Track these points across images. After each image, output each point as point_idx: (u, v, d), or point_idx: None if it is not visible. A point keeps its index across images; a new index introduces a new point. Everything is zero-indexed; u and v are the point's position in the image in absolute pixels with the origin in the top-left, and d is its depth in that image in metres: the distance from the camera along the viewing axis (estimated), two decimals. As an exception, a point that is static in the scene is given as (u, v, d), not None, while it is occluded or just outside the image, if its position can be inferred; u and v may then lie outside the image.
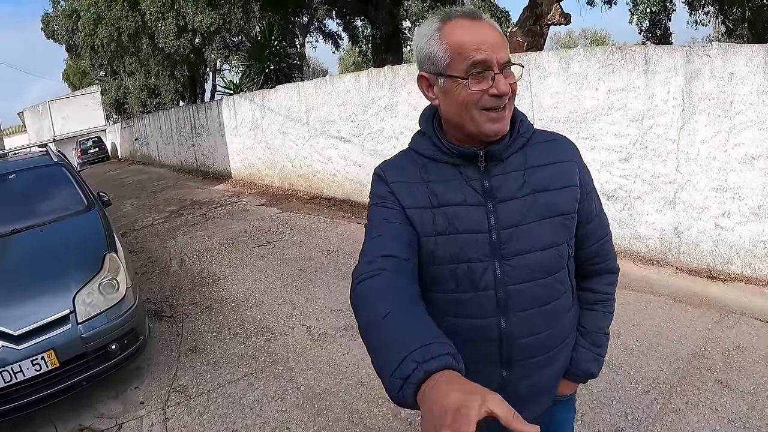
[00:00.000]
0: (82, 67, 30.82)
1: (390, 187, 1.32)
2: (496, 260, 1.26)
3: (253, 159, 12.05)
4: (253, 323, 4.73)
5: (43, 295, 3.61)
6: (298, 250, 6.70)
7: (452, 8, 1.24)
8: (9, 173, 5.56)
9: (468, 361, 0.93)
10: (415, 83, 1.31)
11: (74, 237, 4.41)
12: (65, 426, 3.55)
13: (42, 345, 3.38)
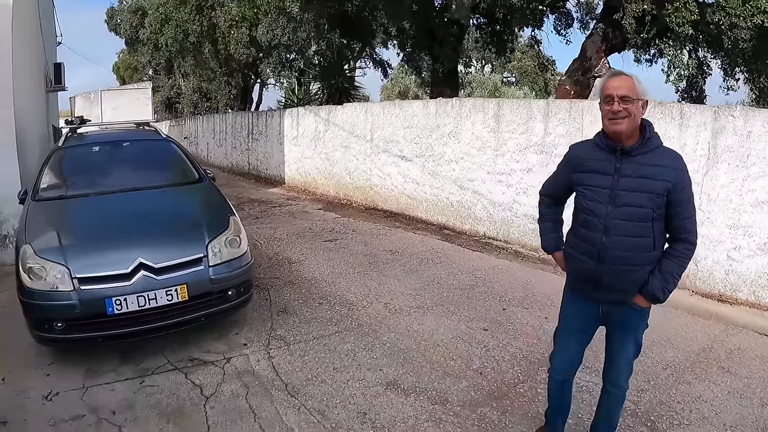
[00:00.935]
0: (134, 62, 32.23)
1: (568, 158, 2.71)
2: (610, 205, 2.43)
3: (309, 168, 12.91)
4: (335, 297, 5.46)
5: (181, 240, 4.37)
6: (363, 247, 7.46)
7: (611, 69, 3.11)
8: (123, 141, 6.45)
9: (581, 251, 2.59)
10: (479, 115, 3.41)
11: (202, 199, 5.23)
12: (175, 357, 4.20)
13: (177, 279, 4.10)
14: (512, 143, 7.72)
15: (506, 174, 7.84)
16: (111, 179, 5.51)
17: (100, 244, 4.19)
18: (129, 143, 6.44)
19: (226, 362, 4.10)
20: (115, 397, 3.62)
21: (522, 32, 15.78)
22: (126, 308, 3.92)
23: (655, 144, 2.42)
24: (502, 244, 7.76)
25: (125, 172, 5.72)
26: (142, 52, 24.71)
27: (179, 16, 18.52)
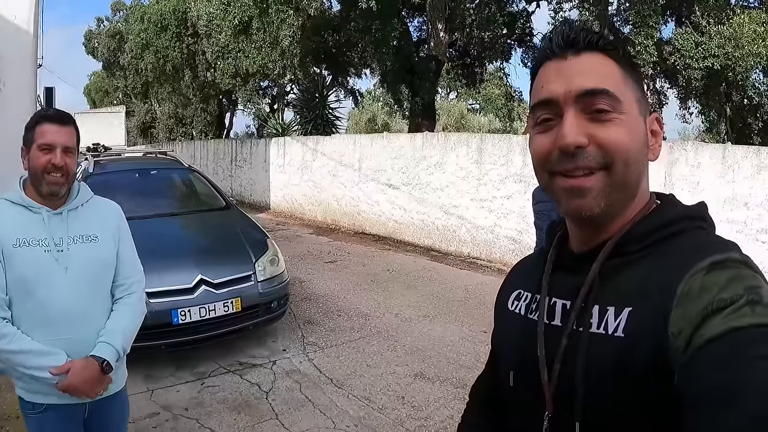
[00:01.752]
0: (105, 85, 32.61)
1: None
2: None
3: (296, 195, 13.67)
4: (350, 309, 6.24)
5: (232, 259, 5.12)
6: (362, 267, 8.26)
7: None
8: (151, 169, 7.09)
9: None
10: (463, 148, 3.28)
11: (238, 223, 5.96)
12: (225, 362, 4.89)
13: (233, 293, 4.85)
14: (494, 173, 8.67)
15: (488, 200, 8.78)
16: (148, 205, 6.12)
17: (162, 262, 4.86)
18: (156, 171, 7.07)
19: (273, 364, 4.82)
20: (182, 397, 4.26)
21: (491, 64, 16.92)
22: (189, 318, 4.62)
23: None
24: (485, 263, 8.67)
25: (159, 198, 6.38)
26: (119, 75, 25.24)
27: (159, 42, 19.18)
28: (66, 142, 1.92)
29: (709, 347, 0.64)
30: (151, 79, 21.42)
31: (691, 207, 0.87)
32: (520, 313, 0.98)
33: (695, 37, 9.73)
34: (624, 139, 0.80)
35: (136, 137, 31.79)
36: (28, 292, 1.87)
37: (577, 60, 0.83)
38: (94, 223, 2.07)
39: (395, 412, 3.97)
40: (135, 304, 2.14)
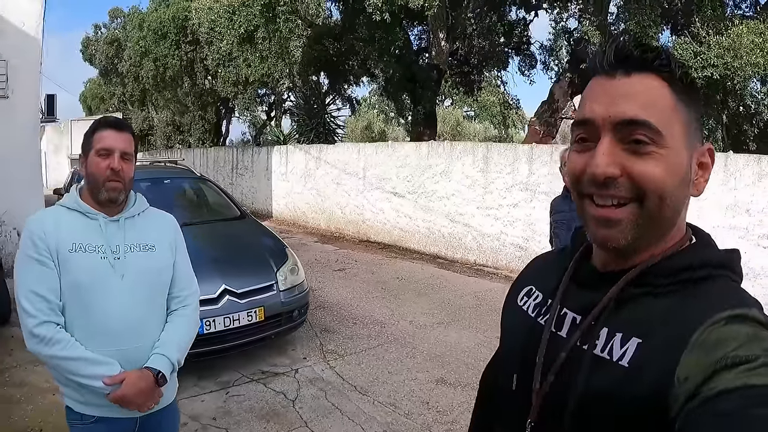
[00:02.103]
0: (101, 92, 32.59)
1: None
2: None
3: (299, 203, 13.77)
4: (365, 317, 6.34)
5: (254, 268, 5.20)
6: (371, 275, 8.37)
7: None
8: (164, 178, 7.12)
9: None
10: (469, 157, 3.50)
11: (256, 233, 6.05)
12: (247, 371, 4.95)
13: (256, 302, 4.92)
14: (500, 182, 8.81)
15: (494, 208, 8.91)
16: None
17: (186, 272, 4.98)
18: (169, 180, 7.10)
19: (295, 373, 4.91)
20: (208, 407, 4.31)
21: (488, 72, 17.10)
22: (214, 328, 4.70)
23: None
24: (492, 270, 8.80)
25: (174, 208, 6.39)
26: (116, 83, 25.28)
27: (159, 50, 19.26)
28: (124, 147, 1.92)
29: (720, 399, 0.63)
30: (149, 86, 21.48)
31: (724, 254, 0.83)
32: (528, 312, 0.98)
33: (694, 46, 9.91)
34: (659, 175, 0.76)
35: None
36: (82, 299, 1.84)
37: (626, 81, 0.78)
38: (151, 232, 2.05)
39: (422, 418, 4.08)
40: (190, 316, 2.13)
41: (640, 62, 0.78)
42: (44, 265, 1.80)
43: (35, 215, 1.92)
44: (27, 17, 7.51)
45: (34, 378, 4.51)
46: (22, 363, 4.81)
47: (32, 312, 1.77)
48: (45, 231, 1.83)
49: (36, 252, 1.80)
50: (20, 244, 1.87)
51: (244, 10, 11.66)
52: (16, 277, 1.83)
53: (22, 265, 1.82)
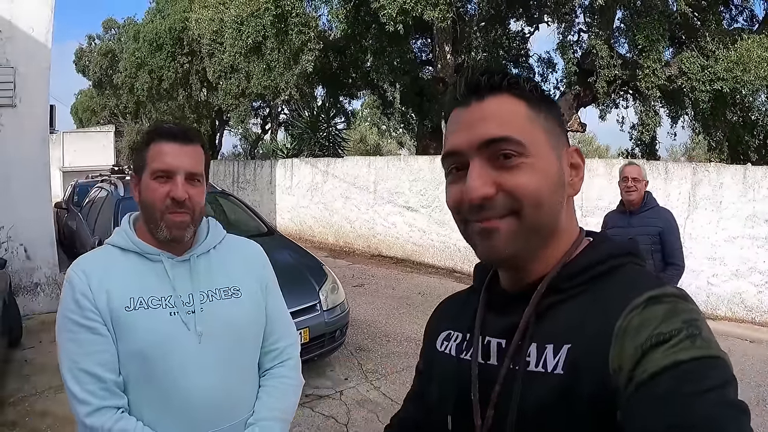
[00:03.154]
0: (93, 104, 32.36)
1: (605, 220, 4.15)
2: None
3: (305, 217, 13.67)
4: (396, 334, 6.26)
5: (296, 288, 5.02)
6: (392, 291, 8.29)
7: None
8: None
9: None
10: None
11: (289, 250, 5.94)
12: None
13: (301, 323, 4.79)
14: (518, 195, 8.81)
15: (512, 222, 8.90)
16: None
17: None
18: None
19: (340, 395, 4.81)
20: None
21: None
22: (258, 351, 4.60)
23: (651, 205, 4.07)
24: (511, 284, 8.77)
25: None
26: (109, 94, 25.08)
27: (154, 62, 19.13)
28: (191, 166, 1.42)
29: (653, 382, 0.64)
30: (144, 98, 21.32)
31: (623, 244, 0.85)
32: (452, 354, 0.95)
33: (701, 60, 10.02)
34: (532, 183, 0.78)
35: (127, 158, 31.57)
36: (150, 371, 1.36)
37: (480, 106, 0.81)
38: (233, 270, 1.56)
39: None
40: (291, 377, 1.65)
41: (489, 86, 0.81)
42: (94, 331, 1.34)
43: (79, 262, 1.45)
44: (36, 23, 7.22)
45: (57, 407, 4.33)
46: (41, 390, 4.65)
47: (82, 396, 1.31)
48: (91, 285, 1.37)
49: (81, 315, 1.35)
50: (61, 299, 1.43)
51: (253, 21, 11.61)
52: (59, 347, 1.39)
53: (64, 332, 1.38)
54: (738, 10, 12.23)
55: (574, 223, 0.87)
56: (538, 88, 0.84)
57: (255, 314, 1.57)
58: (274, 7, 11.13)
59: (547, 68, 16.98)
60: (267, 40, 11.90)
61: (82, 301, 1.36)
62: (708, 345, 0.66)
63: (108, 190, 6.91)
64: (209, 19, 13.48)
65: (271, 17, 11.29)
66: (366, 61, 13.38)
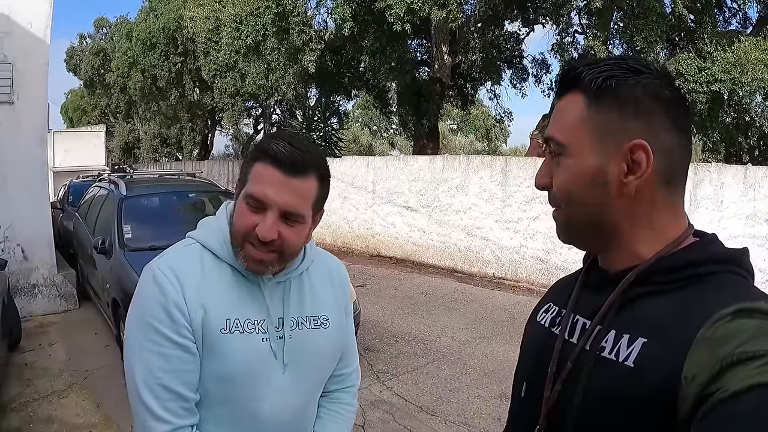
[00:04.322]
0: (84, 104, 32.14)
1: None
2: None
3: (303, 217, 13.61)
4: (404, 334, 6.25)
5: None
6: (395, 291, 8.28)
7: None
8: (188, 192, 6.91)
9: None
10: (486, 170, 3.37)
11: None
12: None
13: (314, 323, 4.82)
14: (519, 195, 8.82)
15: (514, 222, 8.91)
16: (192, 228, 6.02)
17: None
18: (194, 194, 6.91)
19: (353, 394, 4.80)
20: None
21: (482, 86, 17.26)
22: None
23: None
24: (512, 283, 8.79)
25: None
26: (100, 94, 24.93)
27: (147, 61, 19.01)
28: (291, 205, 1.20)
29: (735, 401, 0.61)
30: (137, 97, 21.19)
31: (730, 250, 0.83)
32: (545, 326, 0.99)
33: (698, 62, 10.11)
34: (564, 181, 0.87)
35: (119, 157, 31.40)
36: (230, 394, 1.28)
37: (558, 102, 0.91)
38: (324, 297, 1.43)
39: (500, 438, 4.01)
40: (353, 404, 1.57)
41: (566, 83, 0.88)
42: (185, 350, 1.21)
43: (167, 261, 1.27)
44: (35, 18, 7.04)
45: (62, 412, 4.28)
46: (44, 395, 4.58)
47: (160, 414, 1.20)
48: (186, 296, 1.21)
49: (173, 329, 1.20)
50: (139, 302, 1.26)
51: (252, 20, 11.55)
52: (134, 353, 1.23)
53: (147, 341, 1.21)
54: (732, 13, 12.36)
55: (668, 220, 0.85)
56: (600, 80, 0.82)
57: (339, 343, 1.45)
58: (275, 6, 11.08)
59: (541, 69, 17.11)
60: (267, 40, 11.84)
61: (176, 315, 1.20)
62: None
63: (108, 189, 6.79)
64: (205, 17, 13.40)
65: (271, 15, 11.24)
66: (362, 61, 13.35)
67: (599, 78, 0.82)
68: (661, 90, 0.82)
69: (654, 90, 0.81)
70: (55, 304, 6.91)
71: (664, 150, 0.82)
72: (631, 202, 0.83)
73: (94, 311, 6.59)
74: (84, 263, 6.91)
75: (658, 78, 0.82)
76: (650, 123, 0.81)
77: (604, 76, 0.82)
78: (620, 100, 0.82)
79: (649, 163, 0.80)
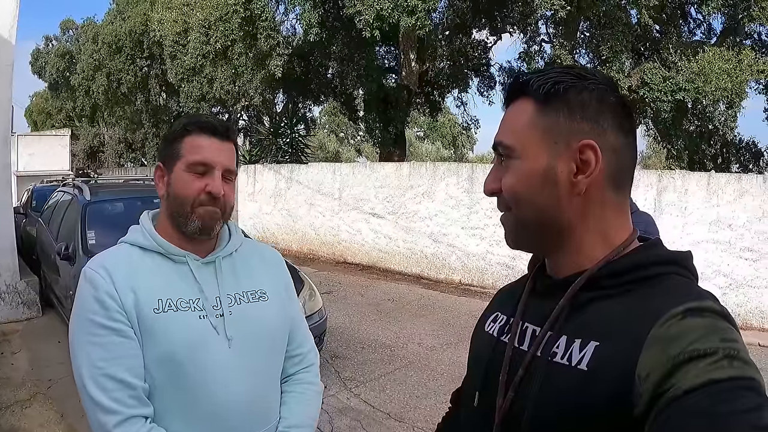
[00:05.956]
0: (48, 107, 31.44)
1: None
2: None
3: (269, 224, 13.50)
4: (370, 341, 6.22)
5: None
6: (361, 297, 8.25)
7: None
8: (153, 197, 6.75)
9: None
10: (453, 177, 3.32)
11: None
12: None
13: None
14: (485, 202, 8.88)
15: (480, 228, 8.98)
16: None
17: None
18: (159, 200, 6.76)
19: (321, 403, 4.74)
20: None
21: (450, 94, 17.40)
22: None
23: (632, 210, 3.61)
24: (479, 289, 8.84)
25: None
26: (65, 97, 24.42)
27: (113, 64, 18.68)
28: (228, 163, 1.37)
29: (686, 398, 0.64)
30: (101, 101, 20.78)
31: (675, 252, 0.86)
32: (493, 334, 0.98)
33: (663, 72, 10.37)
34: (512, 183, 0.88)
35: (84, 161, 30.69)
36: (178, 377, 1.28)
37: (507, 110, 0.93)
38: (258, 274, 1.50)
39: (467, 444, 4.01)
40: (316, 383, 1.61)
41: (514, 90, 0.91)
42: (121, 334, 1.24)
43: (97, 260, 1.34)
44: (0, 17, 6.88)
45: (25, 423, 4.15)
46: (6, 405, 4.43)
47: (108, 405, 1.20)
48: (116, 284, 1.27)
49: (106, 316, 1.24)
50: (77, 303, 1.30)
51: (221, 25, 11.43)
52: (76, 351, 1.26)
53: (86, 335, 1.25)
54: (696, 24, 12.73)
55: (616, 223, 0.86)
56: (548, 86, 0.85)
57: (282, 317, 1.50)
58: (243, 10, 10.99)
59: (508, 77, 17.28)
60: (235, 44, 11.73)
61: (108, 302, 1.24)
62: (745, 366, 0.66)
63: (72, 194, 6.64)
64: (173, 21, 13.22)
65: (239, 20, 11.14)
66: (330, 68, 13.33)
67: (547, 83, 0.85)
68: (607, 95, 0.84)
69: (600, 94, 0.84)
70: (17, 312, 6.74)
71: (612, 150, 0.83)
72: (582, 201, 0.84)
73: (58, 319, 6.41)
74: (47, 270, 6.74)
75: (603, 84, 0.85)
76: (598, 124, 0.83)
77: (552, 81, 0.84)
78: (568, 103, 0.84)
79: (598, 163, 0.82)
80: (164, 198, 1.41)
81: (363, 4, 9.58)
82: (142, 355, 1.26)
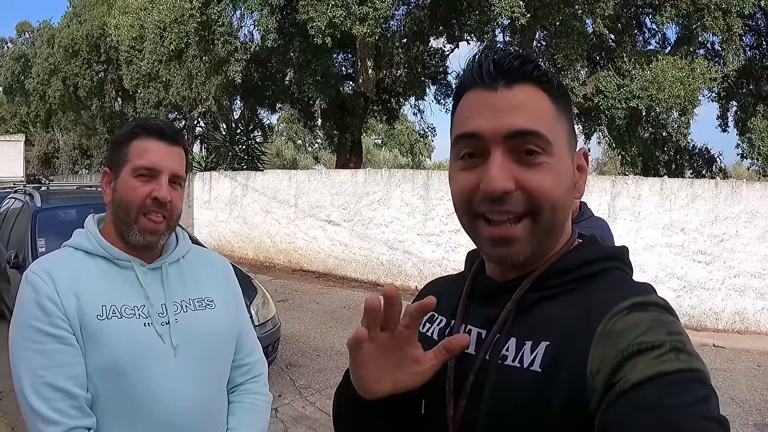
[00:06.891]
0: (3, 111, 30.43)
1: None
2: None
3: (224, 232, 13.31)
4: (326, 349, 6.19)
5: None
6: (317, 305, 8.21)
7: None
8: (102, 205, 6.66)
9: None
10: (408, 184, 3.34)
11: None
12: None
13: (231, 340, 4.72)
14: (441, 208, 8.97)
15: (436, 235, 9.05)
16: None
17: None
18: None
19: (276, 412, 4.66)
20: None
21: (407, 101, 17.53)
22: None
23: (587, 215, 3.44)
24: (435, 296, 8.90)
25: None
26: (20, 102, 23.67)
27: (69, 68, 18.22)
28: (176, 168, 1.34)
29: (635, 391, 0.63)
30: (56, 106, 20.20)
31: (613, 248, 0.86)
32: (433, 338, 0.92)
33: (617, 79, 10.68)
34: (552, 185, 0.76)
35: (38, 168, 29.74)
36: (123, 387, 1.25)
37: (509, 93, 0.76)
38: (206, 281, 1.47)
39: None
40: (265, 393, 1.58)
41: (520, 74, 0.77)
42: (63, 341, 1.20)
43: (39, 264, 1.30)
44: None
45: None
46: None
47: (49, 415, 1.16)
48: (58, 288, 1.23)
49: (48, 322, 1.20)
50: (17, 308, 1.26)
51: (176, 27, 11.25)
52: (16, 358, 1.22)
53: (26, 342, 1.21)
54: (651, 33, 13.17)
55: (570, 223, 0.86)
56: (563, 85, 0.81)
57: (229, 326, 1.48)
58: (199, 14, 10.87)
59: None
60: (189, 48, 11.57)
61: (49, 307, 1.20)
62: (691, 358, 0.66)
63: (23, 200, 6.46)
64: (129, 25, 12.97)
65: (195, 24, 11.00)
66: (287, 74, 13.28)
67: (560, 81, 0.80)
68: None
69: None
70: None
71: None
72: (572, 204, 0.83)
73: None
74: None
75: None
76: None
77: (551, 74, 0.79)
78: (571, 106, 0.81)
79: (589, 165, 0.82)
80: (110, 204, 1.38)
81: (315, 11, 9.59)
82: (85, 362, 1.22)
